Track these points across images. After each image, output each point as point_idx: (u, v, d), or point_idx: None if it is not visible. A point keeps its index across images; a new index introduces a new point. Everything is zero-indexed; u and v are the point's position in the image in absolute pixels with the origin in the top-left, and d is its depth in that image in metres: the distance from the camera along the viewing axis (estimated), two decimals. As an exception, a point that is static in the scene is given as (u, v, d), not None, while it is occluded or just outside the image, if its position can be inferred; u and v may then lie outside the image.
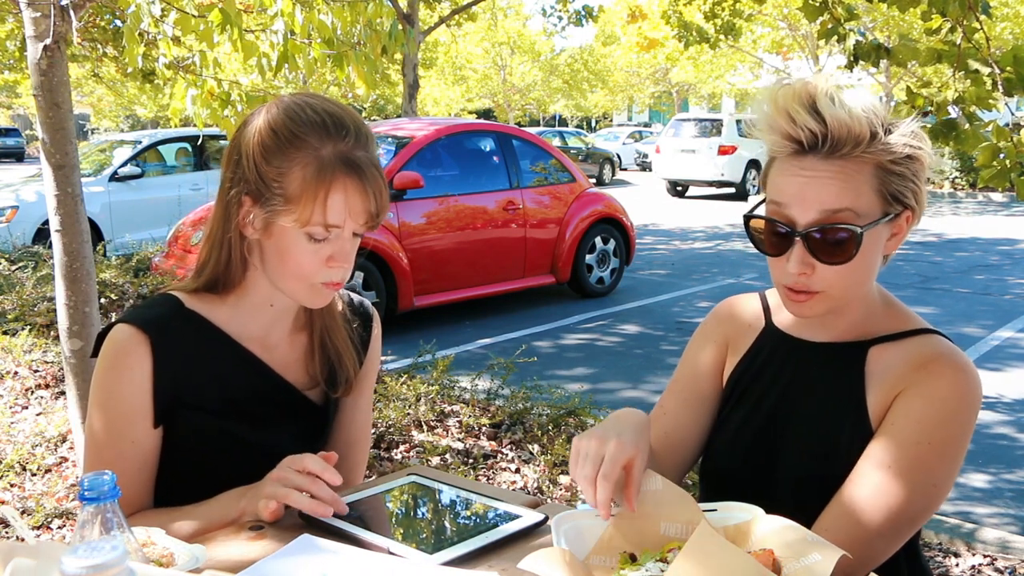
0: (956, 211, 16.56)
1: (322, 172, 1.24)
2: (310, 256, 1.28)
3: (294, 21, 3.02)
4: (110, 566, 0.78)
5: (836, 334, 1.29)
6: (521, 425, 4.12)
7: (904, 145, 1.17)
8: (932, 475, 1.17)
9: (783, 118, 1.18)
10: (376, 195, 1.28)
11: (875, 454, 1.18)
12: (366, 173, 1.27)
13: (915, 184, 1.19)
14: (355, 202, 1.26)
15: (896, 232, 1.22)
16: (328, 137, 1.26)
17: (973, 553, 3.16)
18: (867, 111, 1.16)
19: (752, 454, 1.33)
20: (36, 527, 3.04)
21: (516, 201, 7.58)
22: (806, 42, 22.38)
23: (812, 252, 1.18)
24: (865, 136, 1.15)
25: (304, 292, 1.33)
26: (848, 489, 1.18)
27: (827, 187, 1.16)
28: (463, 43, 30.49)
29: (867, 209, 1.17)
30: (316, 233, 1.27)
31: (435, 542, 1.21)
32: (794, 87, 1.18)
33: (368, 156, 1.28)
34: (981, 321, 7.15)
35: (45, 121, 3.03)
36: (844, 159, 1.16)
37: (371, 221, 1.30)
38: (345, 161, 1.25)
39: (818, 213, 1.16)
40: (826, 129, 1.15)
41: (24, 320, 5.18)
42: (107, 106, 32.30)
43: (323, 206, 1.24)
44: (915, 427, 1.18)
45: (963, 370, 1.20)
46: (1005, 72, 2.87)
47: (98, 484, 0.91)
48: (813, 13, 3.50)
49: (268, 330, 1.42)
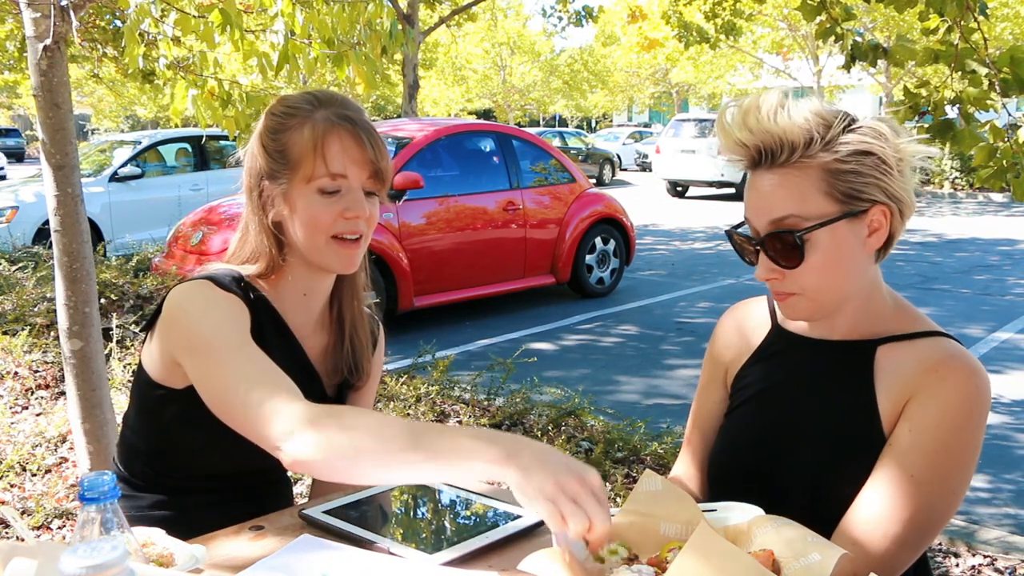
0: (956, 211, 16.56)
1: (315, 128, 1.35)
2: (324, 209, 1.35)
3: (294, 21, 3.02)
4: (110, 566, 0.78)
5: (842, 333, 1.30)
6: (521, 425, 4.12)
7: (849, 143, 1.18)
8: (950, 482, 1.18)
9: (724, 136, 1.24)
10: (373, 146, 1.36)
11: (894, 463, 1.19)
12: (359, 124, 1.36)
13: (877, 178, 1.18)
14: (353, 151, 1.35)
15: (875, 228, 1.21)
16: (319, 105, 1.37)
17: (973, 553, 3.16)
18: (806, 119, 1.18)
19: (760, 452, 1.33)
20: (36, 527, 3.04)
21: (516, 201, 7.58)
22: (806, 42, 22.37)
23: (771, 259, 1.23)
24: (799, 142, 1.18)
25: (329, 251, 1.38)
26: (870, 500, 1.18)
27: (772, 197, 1.20)
28: (463, 43, 30.51)
29: (814, 212, 1.19)
30: (325, 186, 1.34)
31: (435, 542, 1.21)
32: (738, 105, 1.23)
33: (360, 116, 1.38)
34: (981, 322, 7.15)
35: (45, 121, 3.03)
36: (785, 167, 1.19)
37: (376, 176, 1.37)
38: (337, 115, 1.36)
39: (767, 223, 1.22)
40: (757, 140, 1.20)
41: (24, 320, 5.18)
42: (107, 106, 32.29)
43: (322, 157, 1.34)
44: (932, 435, 1.18)
45: (975, 374, 1.20)
46: (1002, 73, 2.87)
47: (98, 484, 0.91)
48: (811, 13, 3.50)
49: (304, 319, 1.48)
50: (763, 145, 1.20)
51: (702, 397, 1.49)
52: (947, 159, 19.15)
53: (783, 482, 1.29)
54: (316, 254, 1.39)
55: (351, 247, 1.39)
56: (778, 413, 1.33)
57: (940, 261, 10.42)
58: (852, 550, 1.01)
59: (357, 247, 1.39)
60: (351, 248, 1.39)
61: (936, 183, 20.28)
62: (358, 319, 1.54)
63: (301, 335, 1.48)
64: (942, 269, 9.84)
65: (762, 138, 1.19)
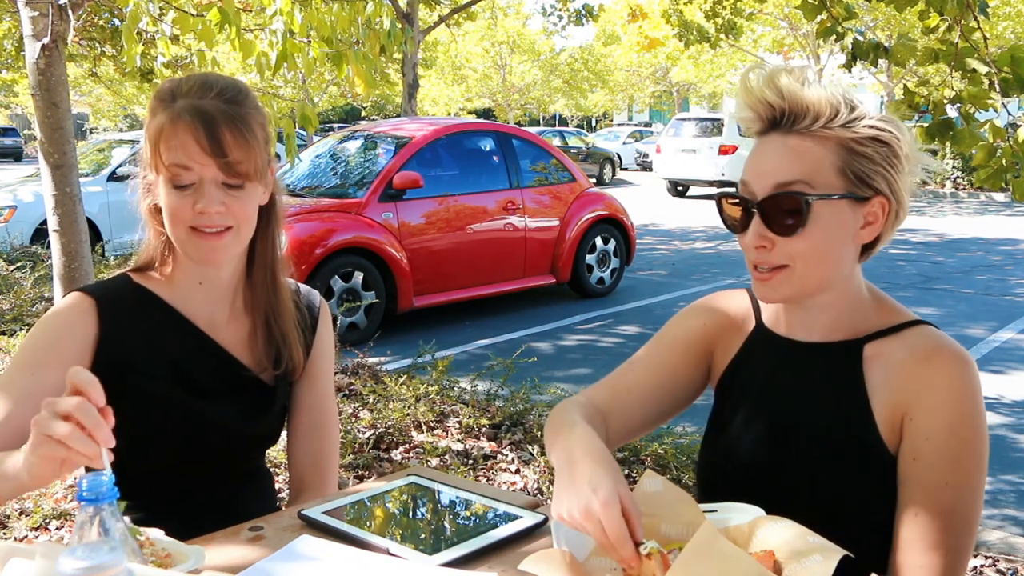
0: (958, 211, 16.56)
1: (162, 120, 1.34)
2: (179, 202, 1.35)
3: (293, 20, 3.02)
4: (108, 567, 0.78)
5: (826, 332, 1.28)
6: (521, 426, 4.11)
7: (870, 127, 1.19)
8: (977, 477, 1.19)
9: (746, 94, 1.23)
10: (218, 139, 1.32)
11: (926, 477, 1.18)
12: (206, 115, 1.32)
13: (886, 170, 1.20)
14: (191, 146, 1.32)
15: (871, 221, 1.22)
16: (178, 94, 1.35)
17: (975, 555, 3.16)
18: (833, 93, 1.20)
19: (755, 460, 1.32)
20: (34, 528, 3.03)
21: (516, 201, 7.58)
22: (807, 41, 22.38)
23: (767, 223, 1.20)
24: (824, 112, 1.18)
25: (190, 243, 1.38)
26: (914, 522, 1.17)
27: (784, 159, 1.19)
28: (463, 42, 30.52)
29: (824, 183, 1.18)
30: (175, 177, 1.34)
31: (435, 543, 1.21)
32: (763, 69, 1.23)
33: (216, 104, 1.34)
34: (983, 322, 7.14)
35: (43, 121, 3.03)
36: (803, 135, 1.19)
37: (227, 170, 1.34)
38: (187, 107, 1.33)
39: (772, 185, 1.19)
40: (784, 103, 1.19)
41: (22, 320, 5.18)
42: (105, 105, 32.29)
43: (166, 149, 1.33)
44: (949, 437, 1.17)
45: (964, 360, 1.21)
46: (1003, 72, 2.87)
47: (96, 485, 0.91)
48: (812, 12, 3.50)
49: (211, 309, 1.48)
50: (789, 108, 1.19)
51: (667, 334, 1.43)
52: (948, 159, 19.15)
53: (780, 488, 1.28)
54: (181, 246, 1.40)
55: (211, 239, 1.36)
56: (771, 416, 1.32)
57: (942, 261, 10.42)
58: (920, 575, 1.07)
59: (220, 239, 1.37)
60: (211, 240, 1.37)
61: (937, 183, 20.27)
62: (277, 304, 1.51)
63: (211, 325, 1.47)
64: (944, 269, 9.84)
65: (791, 100, 1.19)
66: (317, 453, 1.58)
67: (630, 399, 1.39)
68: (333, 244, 6.35)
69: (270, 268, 1.50)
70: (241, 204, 1.37)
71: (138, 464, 1.37)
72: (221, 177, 1.34)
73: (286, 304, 1.52)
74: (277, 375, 1.52)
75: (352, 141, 7.98)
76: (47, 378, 1.34)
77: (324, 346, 1.61)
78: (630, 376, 1.41)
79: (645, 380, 1.40)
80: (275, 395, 1.53)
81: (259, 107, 1.42)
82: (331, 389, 1.64)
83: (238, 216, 1.37)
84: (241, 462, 1.56)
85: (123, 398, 1.34)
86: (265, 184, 1.42)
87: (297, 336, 1.53)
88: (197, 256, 1.40)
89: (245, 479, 1.57)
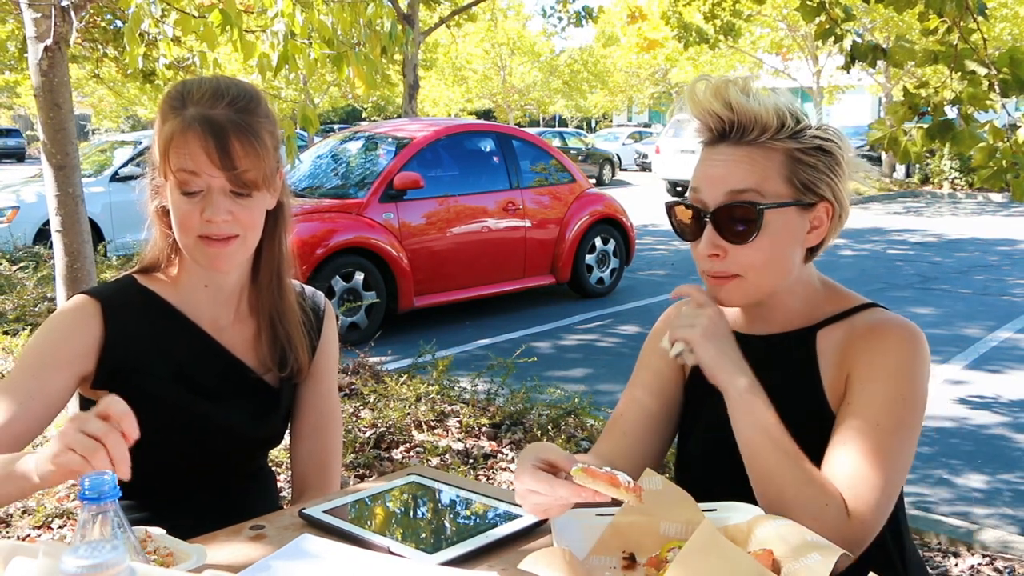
0: (955, 211, 16.56)
1: (172, 127, 1.34)
2: (188, 209, 1.35)
3: (294, 22, 3.02)
4: (110, 566, 0.78)
5: (781, 324, 1.33)
6: (521, 425, 4.12)
7: (814, 137, 1.24)
8: (908, 426, 1.21)
9: (694, 105, 1.27)
10: (227, 148, 1.32)
11: (857, 416, 1.21)
12: (216, 124, 1.32)
13: (829, 177, 1.26)
14: (199, 155, 1.31)
15: (816, 225, 1.27)
16: (188, 101, 1.35)
17: (972, 553, 3.16)
18: (778, 105, 1.24)
19: (720, 455, 1.32)
20: (37, 527, 3.04)
21: (516, 201, 7.58)
22: (805, 43, 22.36)
23: (720, 231, 1.25)
24: (772, 124, 1.23)
25: (198, 250, 1.38)
26: (842, 454, 1.19)
27: (734, 170, 1.24)
28: (463, 44, 30.50)
29: (773, 192, 1.23)
30: (183, 184, 1.34)
31: (435, 542, 1.21)
32: (710, 81, 1.27)
33: (227, 114, 1.34)
34: (980, 321, 7.14)
35: (46, 122, 3.03)
36: (752, 145, 1.24)
37: (234, 180, 1.34)
38: (196, 116, 1.33)
39: (724, 194, 1.24)
40: (733, 115, 1.24)
41: (25, 320, 5.18)
42: (108, 107, 32.26)
43: (175, 156, 1.33)
44: (884, 385, 1.21)
45: (906, 327, 1.26)
46: (1002, 73, 2.88)
47: (99, 484, 0.92)
48: (810, 14, 3.50)
49: (216, 311, 1.48)
50: (738, 120, 1.24)
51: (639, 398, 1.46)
52: (947, 159, 19.13)
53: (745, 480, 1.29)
54: (189, 253, 1.40)
55: (218, 246, 1.37)
56: None
57: (939, 261, 10.42)
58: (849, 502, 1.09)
59: (226, 246, 1.37)
60: (219, 247, 1.37)
61: (935, 183, 20.27)
62: (282, 307, 1.51)
63: (216, 327, 1.48)
64: (941, 269, 9.84)
65: (739, 113, 1.23)
66: (321, 453, 1.59)
67: (627, 441, 1.43)
68: (334, 244, 6.36)
69: (276, 271, 1.50)
70: (248, 212, 1.38)
71: (142, 464, 1.37)
72: (229, 187, 1.34)
73: (291, 306, 1.52)
74: (282, 377, 1.52)
75: (353, 142, 7.99)
76: (51, 381, 1.35)
77: (329, 347, 1.61)
78: (621, 420, 1.46)
79: (636, 417, 1.45)
80: (280, 397, 1.53)
81: (270, 114, 1.42)
82: (335, 390, 1.64)
83: (244, 224, 1.38)
84: (245, 463, 1.56)
85: (128, 400, 1.36)
86: (273, 190, 1.42)
87: (302, 338, 1.53)
88: (204, 262, 1.40)
89: (248, 479, 1.58)
